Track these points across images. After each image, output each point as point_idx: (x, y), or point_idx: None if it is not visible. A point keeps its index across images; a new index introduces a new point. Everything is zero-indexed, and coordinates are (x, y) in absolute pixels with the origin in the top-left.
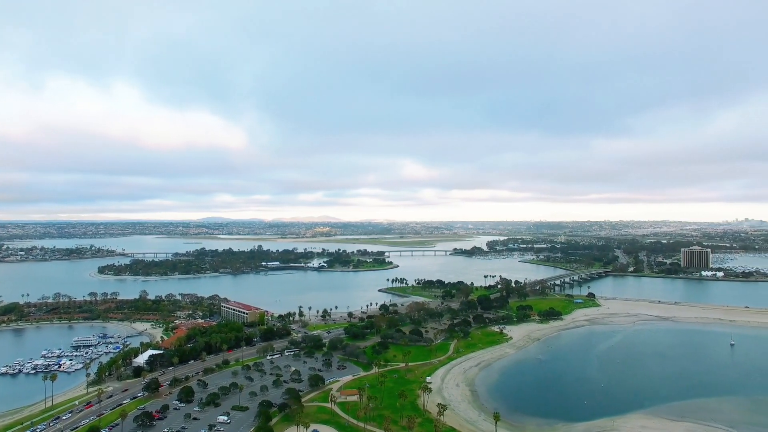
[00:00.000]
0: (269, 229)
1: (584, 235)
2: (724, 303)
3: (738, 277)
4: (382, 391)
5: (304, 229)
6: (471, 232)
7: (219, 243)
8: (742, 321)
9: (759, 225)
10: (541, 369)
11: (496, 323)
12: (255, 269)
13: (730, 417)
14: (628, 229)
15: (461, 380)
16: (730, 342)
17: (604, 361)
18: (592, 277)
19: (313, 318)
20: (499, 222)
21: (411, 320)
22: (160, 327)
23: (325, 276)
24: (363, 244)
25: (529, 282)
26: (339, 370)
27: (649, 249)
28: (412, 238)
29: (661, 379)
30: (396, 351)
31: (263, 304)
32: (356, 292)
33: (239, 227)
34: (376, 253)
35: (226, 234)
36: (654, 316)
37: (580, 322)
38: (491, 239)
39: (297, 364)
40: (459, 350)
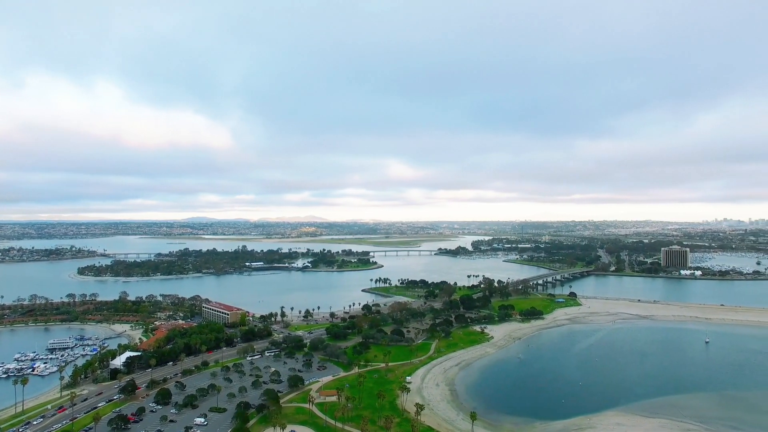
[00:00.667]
0: (254, 229)
1: (568, 235)
2: (701, 301)
3: (715, 275)
4: (361, 391)
5: (290, 229)
6: (456, 232)
7: (203, 243)
8: (717, 319)
9: (737, 225)
10: (520, 368)
11: (477, 323)
12: (239, 269)
13: (700, 413)
14: (612, 228)
15: (441, 380)
16: (705, 339)
17: (583, 360)
18: (575, 277)
19: (295, 318)
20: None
21: (393, 320)
22: (140, 328)
23: (309, 276)
24: (348, 244)
25: (512, 282)
26: (319, 371)
27: (631, 248)
28: (398, 238)
29: (638, 377)
30: (377, 351)
31: (246, 305)
32: (340, 293)
33: (224, 227)
34: (361, 253)
35: (210, 234)
36: (633, 315)
37: (561, 321)
38: (476, 239)
39: (277, 364)
40: (440, 350)
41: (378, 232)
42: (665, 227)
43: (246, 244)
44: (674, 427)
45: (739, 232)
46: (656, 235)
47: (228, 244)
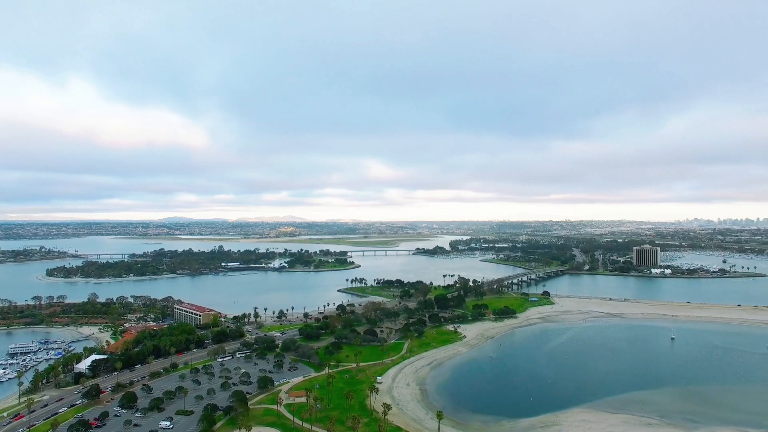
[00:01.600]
0: (232, 229)
1: (545, 234)
2: (669, 299)
3: (683, 274)
4: (330, 391)
5: (269, 229)
6: (435, 232)
7: (179, 243)
8: (683, 316)
9: (706, 224)
10: (491, 367)
11: (451, 322)
12: (214, 270)
13: (662, 407)
14: (588, 228)
15: (412, 379)
16: (671, 336)
17: (553, 358)
18: (549, 276)
19: (268, 319)
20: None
21: (367, 320)
22: (109, 331)
23: (286, 276)
24: (327, 244)
25: (487, 281)
26: (290, 372)
27: (606, 248)
28: (377, 237)
29: (605, 374)
30: (349, 351)
31: (220, 306)
32: (315, 293)
33: (202, 227)
34: (339, 253)
35: (187, 234)
36: (604, 313)
37: (534, 320)
38: (454, 239)
39: (248, 366)
40: (412, 350)
41: (357, 232)
42: (639, 227)
43: (223, 244)
44: (637, 422)
45: (708, 232)
46: (630, 234)
47: (205, 244)
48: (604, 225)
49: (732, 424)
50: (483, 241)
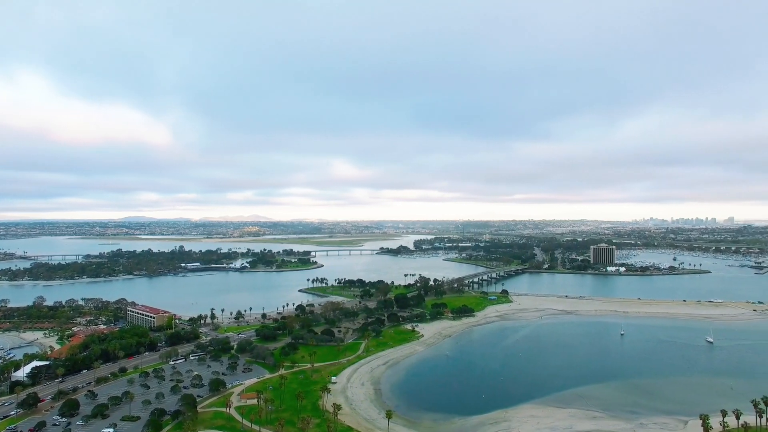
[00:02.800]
0: (195, 228)
1: (508, 234)
2: (622, 296)
3: (636, 271)
4: (283, 393)
5: (233, 228)
6: (401, 232)
7: (139, 244)
8: (633, 312)
9: (661, 224)
10: (446, 365)
11: (409, 321)
12: (173, 271)
13: (607, 401)
14: (550, 228)
15: (367, 379)
16: (620, 332)
17: (508, 355)
18: (510, 275)
19: (226, 320)
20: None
21: (325, 320)
22: (55, 335)
23: (247, 276)
24: (291, 243)
25: (447, 280)
26: (244, 373)
27: (565, 247)
28: (342, 237)
29: (556, 370)
30: (306, 352)
31: (178, 307)
32: (276, 293)
33: (163, 227)
34: (302, 253)
35: (148, 234)
36: (560, 311)
37: (491, 318)
38: (419, 238)
39: (201, 368)
40: (369, 349)
41: (322, 231)
42: (599, 226)
43: (184, 244)
44: (582, 416)
45: (662, 231)
46: (590, 233)
47: (166, 244)
48: (566, 224)
49: (668, 413)
50: (447, 241)
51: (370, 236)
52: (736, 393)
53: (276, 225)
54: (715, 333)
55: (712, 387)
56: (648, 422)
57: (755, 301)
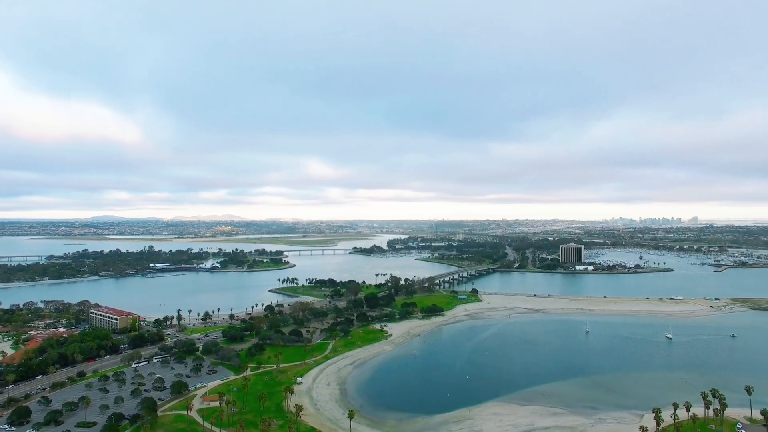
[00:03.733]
0: (167, 228)
1: (481, 233)
2: (588, 294)
3: (604, 270)
4: (247, 394)
5: (205, 228)
6: (375, 231)
7: (107, 244)
8: (598, 309)
9: (630, 223)
10: (413, 364)
11: (378, 321)
12: (141, 271)
13: (568, 398)
14: (523, 227)
15: (333, 379)
16: (585, 329)
17: (475, 354)
18: (481, 274)
19: (193, 321)
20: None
21: (294, 320)
22: (10, 340)
23: (218, 277)
24: (264, 243)
25: (418, 280)
26: (209, 375)
27: (537, 246)
28: (316, 237)
29: (521, 368)
30: (272, 352)
31: (145, 309)
32: (246, 293)
33: (133, 227)
34: (274, 253)
35: (117, 234)
36: (527, 309)
37: (460, 317)
38: (393, 238)
39: (164, 371)
40: (337, 349)
41: (296, 231)
42: (570, 226)
43: (154, 244)
44: (544, 413)
45: (630, 230)
46: (561, 233)
47: (135, 244)
48: (538, 224)
49: (626, 408)
50: (420, 240)
51: (344, 236)
52: (690, 386)
53: (249, 224)
54: (674, 329)
55: (669, 381)
56: (606, 417)
57: (712, 298)
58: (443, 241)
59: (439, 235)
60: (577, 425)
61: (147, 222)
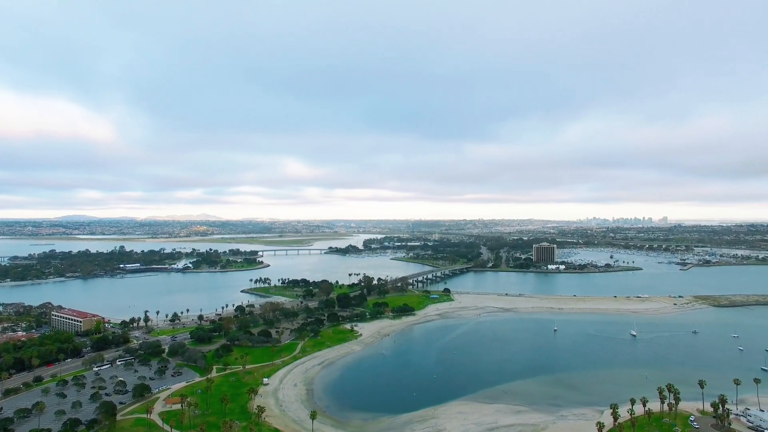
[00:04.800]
0: (140, 228)
1: (458, 233)
2: (559, 293)
3: (575, 269)
4: (210, 396)
5: (180, 228)
6: (352, 231)
7: (76, 244)
8: (567, 308)
9: (603, 223)
10: (382, 364)
11: (349, 321)
12: (111, 272)
13: (532, 395)
14: (499, 227)
15: (300, 380)
16: (553, 328)
17: (444, 353)
18: (455, 273)
19: (161, 323)
20: (381, 221)
21: (264, 321)
22: None
23: (190, 277)
24: (239, 243)
25: (391, 279)
26: (174, 377)
27: (511, 246)
28: (292, 237)
29: (489, 366)
30: (240, 353)
31: (111, 310)
32: (218, 294)
33: (105, 227)
34: (249, 253)
35: (87, 234)
36: (498, 308)
37: (431, 317)
38: (369, 237)
39: (127, 373)
40: (306, 349)
41: (273, 231)
42: (545, 225)
43: (126, 244)
44: (508, 411)
45: (603, 230)
46: (536, 233)
47: (106, 244)
48: (514, 224)
49: (588, 404)
50: (397, 240)
51: (321, 236)
52: (650, 382)
53: (225, 224)
54: (639, 327)
55: (631, 378)
56: (568, 414)
57: (676, 296)
58: (419, 241)
59: (415, 234)
60: (539, 422)
61: (120, 222)
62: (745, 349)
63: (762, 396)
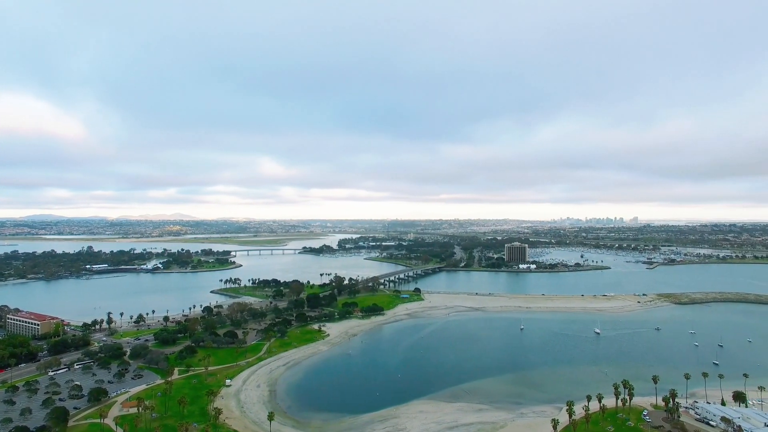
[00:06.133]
0: (111, 228)
1: (433, 233)
2: (528, 292)
3: (546, 268)
4: (170, 399)
5: (152, 228)
6: (328, 231)
7: (41, 244)
8: (535, 307)
9: (576, 223)
10: (347, 364)
11: (318, 321)
12: (76, 273)
13: (494, 394)
14: (474, 227)
15: (264, 381)
16: (520, 326)
17: (410, 353)
18: (427, 273)
19: (125, 324)
20: (357, 220)
21: (232, 322)
22: None
23: (159, 278)
24: (212, 243)
25: (363, 279)
26: (134, 380)
27: (485, 245)
28: (267, 236)
29: (454, 365)
30: (205, 354)
31: (74, 313)
32: (187, 294)
33: (74, 226)
34: (221, 253)
35: (54, 234)
36: (467, 308)
37: (401, 317)
38: (344, 237)
39: (84, 377)
40: (272, 350)
41: (248, 230)
42: (520, 225)
43: (95, 244)
44: (469, 409)
45: (576, 229)
46: (510, 232)
47: (73, 244)
48: (489, 224)
49: (548, 402)
50: (372, 240)
51: (296, 235)
52: (609, 379)
53: (199, 224)
54: (603, 324)
55: (591, 375)
56: (528, 411)
57: (640, 294)
58: (394, 241)
59: (391, 234)
60: (498, 420)
61: (90, 221)
62: (701, 345)
63: (710, 389)
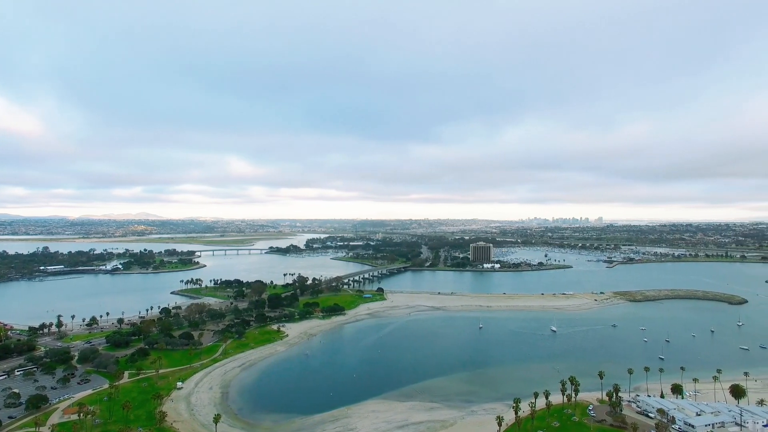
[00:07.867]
0: (71, 228)
1: (402, 232)
2: (491, 291)
3: (510, 268)
4: (117, 403)
5: (116, 227)
6: (297, 231)
7: None
8: (495, 306)
9: (543, 223)
10: (304, 365)
11: (277, 321)
12: (29, 275)
13: (448, 392)
14: (443, 227)
15: (217, 383)
16: (479, 325)
17: (368, 352)
18: (392, 273)
19: (77, 327)
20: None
21: (189, 323)
22: None
23: (119, 279)
24: (177, 243)
25: (326, 279)
26: (80, 385)
27: (452, 245)
28: (234, 236)
29: (410, 364)
30: (157, 357)
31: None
32: (146, 296)
33: (30, 226)
34: (185, 253)
35: (8, 234)
36: (429, 307)
37: (362, 317)
38: (312, 237)
39: (25, 384)
40: (228, 351)
41: (215, 230)
42: (488, 225)
43: (51, 245)
44: (421, 408)
45: (542, 229)
46: (479, 232)
47: (28, 245)
48: (458, 224)
49: (499, 399)
50: (340, 240)
51: (264, 235)
52: (560, 375)
53: (165, 223)
54: (559, 322)
55: (544, 372)
56: (479, 409)
57: (598, 292)
58: (362, 241)
59: (359, 234)
60: (448, 419)
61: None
62: (649, 340)
63: (652, 383)
